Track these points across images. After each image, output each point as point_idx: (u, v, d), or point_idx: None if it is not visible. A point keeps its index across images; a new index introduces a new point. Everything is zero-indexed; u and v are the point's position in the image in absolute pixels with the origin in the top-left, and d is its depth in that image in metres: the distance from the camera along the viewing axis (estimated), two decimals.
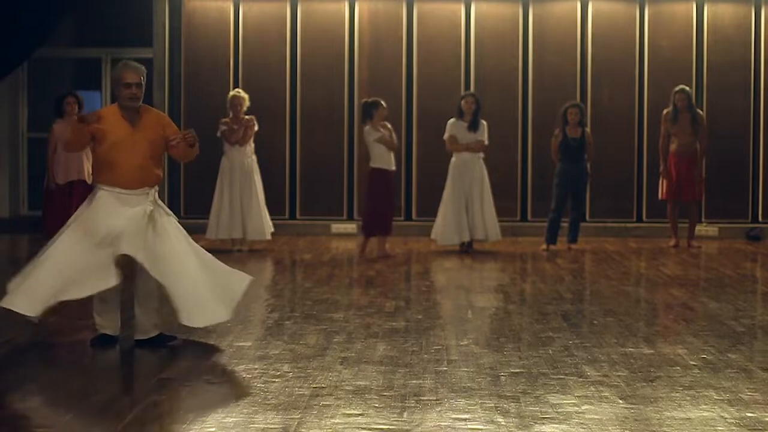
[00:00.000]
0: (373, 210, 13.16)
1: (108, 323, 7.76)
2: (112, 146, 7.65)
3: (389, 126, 13.28)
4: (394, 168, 13.28)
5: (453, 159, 13.86)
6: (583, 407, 5.98)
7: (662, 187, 14.62)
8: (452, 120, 13.84)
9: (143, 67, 7.88)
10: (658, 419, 5.75)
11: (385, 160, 13.13)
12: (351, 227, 15.92)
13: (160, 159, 7.89)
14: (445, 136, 13.85)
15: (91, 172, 7.65)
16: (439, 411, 5.90)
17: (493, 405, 6.01)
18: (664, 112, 14.55)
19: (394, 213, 13.81)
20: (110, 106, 7.90)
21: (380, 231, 13.22)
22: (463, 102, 13.85)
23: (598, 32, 16.12)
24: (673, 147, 14.43)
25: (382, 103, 13.25)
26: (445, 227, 13.77)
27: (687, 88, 14.57)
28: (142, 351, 7.39)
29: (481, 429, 5.57)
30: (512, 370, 6.88)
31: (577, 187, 14.13)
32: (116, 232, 7.43)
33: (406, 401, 6.08)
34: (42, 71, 16.81)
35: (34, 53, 15.33)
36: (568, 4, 16.15)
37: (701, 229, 15.54)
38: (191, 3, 16.18)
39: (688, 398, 6.19)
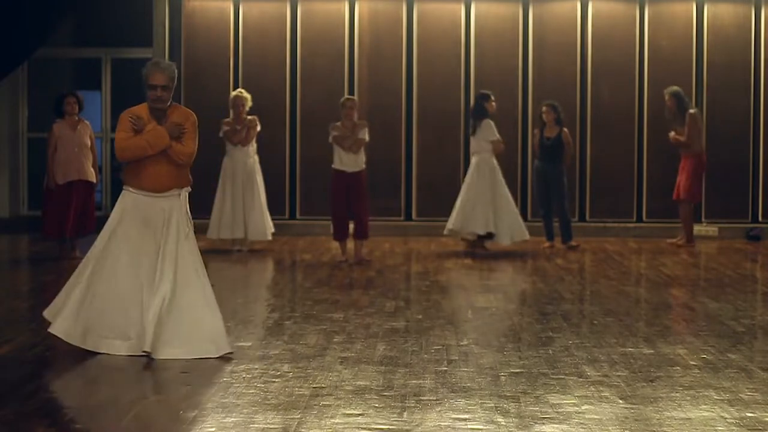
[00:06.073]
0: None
1: None
2: None
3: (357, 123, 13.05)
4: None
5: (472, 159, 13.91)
6: (583, 407, 5.98)
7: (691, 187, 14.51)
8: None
9: (173, 67, 7.65)
10: (658, 419, 5.75)
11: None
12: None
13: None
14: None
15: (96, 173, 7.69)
16: (439, 411, 5.90)
17: (493, 405, 6.02)
18: (692, 111, 14.41)
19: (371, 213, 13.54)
20: (142, 105, 7.66)
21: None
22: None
23: (598, 32, 16.11)
24: (699, 147, 14.36)
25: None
26: (466, 216, 13.50)
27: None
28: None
29: (481, 429, 5.57)
30: (512, 370, 6.88)
31: (554, 187, 14.09)
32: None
33: (406, 401, 6.08)
34: (42, 71, 16.80)
35: (34, 53, 15.33)
36: (568, 4, 16.14)
37: (701, 229, 15.53)
38: (191, 3, 16.17)
39: (688, 398, 6.20)
